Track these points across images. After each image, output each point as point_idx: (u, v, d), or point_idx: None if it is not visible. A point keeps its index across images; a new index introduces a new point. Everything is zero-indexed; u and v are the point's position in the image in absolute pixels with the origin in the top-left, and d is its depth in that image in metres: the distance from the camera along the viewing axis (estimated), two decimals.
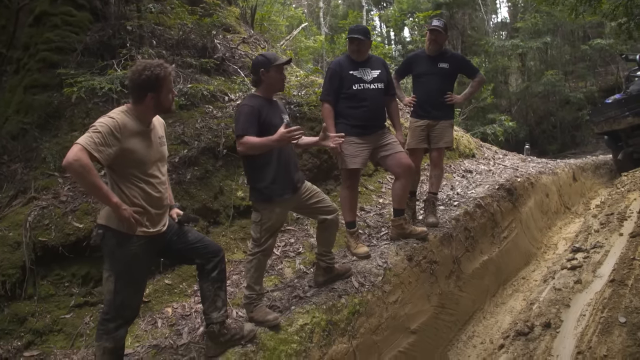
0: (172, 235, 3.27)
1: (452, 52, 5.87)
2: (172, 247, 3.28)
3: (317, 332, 3.72)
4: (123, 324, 3.06)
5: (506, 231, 6.42)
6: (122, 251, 2.96)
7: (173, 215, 3.38)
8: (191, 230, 3.42)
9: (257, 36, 9.72)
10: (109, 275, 2.99)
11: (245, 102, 3.76)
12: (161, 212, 3.16)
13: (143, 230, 3.00)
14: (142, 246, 3.01)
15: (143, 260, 3.08)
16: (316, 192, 4.00)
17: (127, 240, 2.95)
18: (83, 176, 2.66)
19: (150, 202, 3.05)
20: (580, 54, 24.66)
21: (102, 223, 2.98)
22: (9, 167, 5.45)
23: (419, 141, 5.41)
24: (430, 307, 4.79)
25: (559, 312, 4.64)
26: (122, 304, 3.00)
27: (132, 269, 3.01)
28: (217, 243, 3.63)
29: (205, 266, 3.37)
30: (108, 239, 2.96)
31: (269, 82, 3.79)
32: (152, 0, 7.15)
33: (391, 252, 4.75)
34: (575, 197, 9.81)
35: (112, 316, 3.00)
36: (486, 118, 20.34)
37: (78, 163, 2.63)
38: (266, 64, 3.74)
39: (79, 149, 2.66)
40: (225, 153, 5.58)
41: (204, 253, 3.36)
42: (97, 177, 2.71)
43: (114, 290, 2.97)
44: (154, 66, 2.96)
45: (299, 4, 24.93)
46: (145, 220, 3.02)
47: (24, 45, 6.79)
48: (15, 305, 4.26)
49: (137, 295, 3.15)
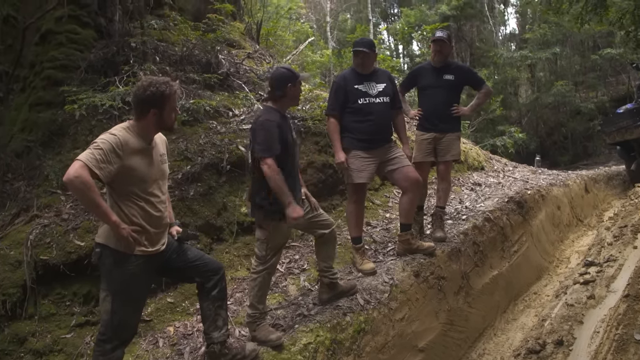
0: (172, 254, 3.21)
1: (458, 63, 5.82)
2: (171, 266, 3.22)
3: (321, 352, 3.63)
4: (120, 345, 2.99)
5: (516, 245, 6.29)
6: (120, 270, 2.91)
7: (173, 233, 3.32)
8: (190, 249, 3.37)
9: (262, 51, 9.74)
10: (106, 294, 2.94)
11: (268, 117, 3.62)
12: (160, 231, 3.11)
13: (141, 250, 2.94)
14: (140, 265, 2.95)
15: (141, 279, 3.02)
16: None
17: (124, 260, 2.90)
18: (83, 193, 2.63)
19: (149, 221, 3.00)
20: (591, 64, 24.57)
21: (100, 242, 2.93)
22: (12, 185, 5.46)
23: (425, 154, 5.33)
24: (438, 325, 4.67)
25: (572, 328, 4.51)
26: (119, 324, 2.94)
27: (129, 288, 2.95)
28: (217, 261, 3.57)
29: (205, 284, 3.30)
30: (105, 257, 2.91)
31: (291, 97, 3.75)
32: (155, 17, 7.19)
33: (398, 268, 4.65)
34: (588, 209, 9.65)
35: (109, 337, 2.93)
36: (496, 130, 20.26)
37: (79, 180, 2.59)
38: (293, 79, 3.69)
39: (80, 165, 2.63)
40: (229, 169, 5.54)
41: (203, 271, 3.29)
42: (97, 195, 2.67)
43: (111, 310, 2.91)
44: (160, 83, 2.94)
45: (306, 19, 25.10)
46: (144, 239, 2.96)
47: (30, 64, 6.86)
48: (16, 325, 4.22)
49: (135, 315, 3.09)
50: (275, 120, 3.58)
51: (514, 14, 32.78)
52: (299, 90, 3.81)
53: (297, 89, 3.75)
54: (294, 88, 3.71)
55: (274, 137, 3.51)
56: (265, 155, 3.46)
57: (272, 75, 3.85)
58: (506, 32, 33.16)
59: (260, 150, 3.50)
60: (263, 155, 3.46)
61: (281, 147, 3.53)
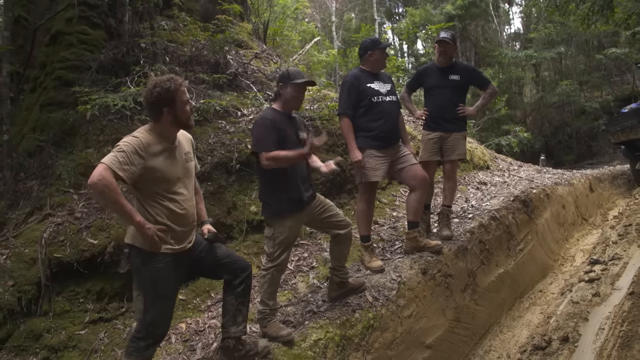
0: (200, 252, 3.27)
1: (463, 63, 5.85)
2: (200, 264, 3.29)
3: (330, 347, 3.69)
4: (153, 344, 3.06)
5: (522, 243, 6.34)
6: (148, 269, 2.97)
7: (204, 232, 3.38)
8: (220, 247, 3.42)
9: (269, 51, 9.80)
10: (138, 294, 3.01)
11: (262, 115, 3.77)
12: (187, 230, 3.15)
13: (168, 247, 3.00)
14: (167, 263, 3.00)
15: (169, 277, 3.06)
16: (329, 206, 3.97)
17: (151, 258, 2.95)
18: (107, 195, 2.69)
19: (174, 219, 3.05)
20: (595, 64, 24.45)
21: (128, 242, 3.00)
22: (25, 184, 5.53)
23: (431, 154, 5.38)
24: (445, 321, 4.73)
25: (577, 325, 4.57)
26: (152, 322, 3.00)
27: (158, 286, 3.00)
28: (245, 259, 3.64)
29: (233, 282, 3.38)
30: (134, 257, 2.98)
31: (285, 97, 3.79)
32: (165, 18, 7.26)
33: (405, 266, 4.71)
34: (593, 208, 9.67)
35: (144, 335, 3.00)
36: (501, 129, 20.21)
37: (102, 182, 2.65)
38: (285, 79, 3.77)
39: (103, 168, 2.69)
40: (238, 168, 5.61)
41: (233, 269, 3.36)
42: (121, 196, 2.73)
43: (143, 308, 2.98)
44: (163, 81, 2.99)
45: (311, 19, 25.13)
46: (170, 237, 3.01)
47: (41, 64, 6.93)
48: (31, 322, 4.31)
49: (166, 313, 3.13)
50: (268, 118, 3.67)
51: (519, 13, 32.70)
52: (294, 93, 3.80)
53: (289, 91, 3.77)
54: (284, 89, 3.76)
55: (266, 132, 3.59)
56: (259, 151, 3.56)
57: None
58: (511, 31, 33.06)
59: (254, 146, 3.64)
60: (257, 151, 3.59)
61: (280, 144, 3.59)
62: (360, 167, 4.61)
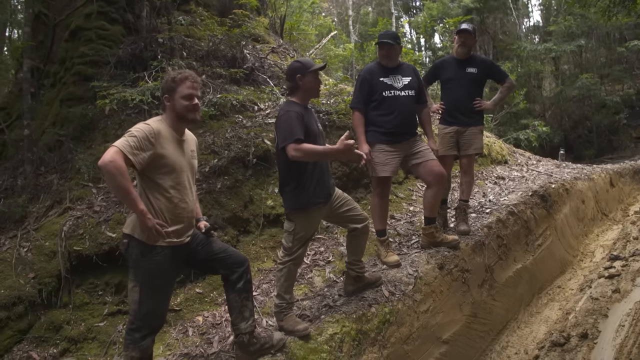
0: (197, 246, 3.28)
1: (481, 57, 5.78)
2: (196, 257, 3.29)
3: (347, 342, 3.69)
4: (149, 334, 3.06)
5: (540, 239, 6.28)
6: (146, 261, 2.98)
7: (200, 227, 3.38)
8: (216, 241, 3.43)
9: (286, 45, 9.80)
10: (134, 285, 3.01)
11: (287, 109, 3.64)
12: (185, 223, 3.17)
13: (167, 240, 3.01)
14: (166, 256, 3.02)
15: (167, 269, 3.08)
16: (347, 200, 3.96)
17: (150, 250, 2.97)
18: (115, 178, 2.71)
19: (175, 212, 3.07)
20: (617, 56, 24.10)
21: (127, 232, 3.02)
22: (46, 178, 5.62)
23: (448, 148, 5.33)
24: (462, 317, 4.70)
25: (597, 322, 4.52)
26: (147, 314, 3.01)
27: (156, 278, 3.02)
28: (241, 254, 3.62)
29: (230, 277, 3.36)
30: (132, 248, 2.99)
31: (305, 88, 3.73)
32: (182, 13, 7.29)
33: (422, 261, 4.68)
34: (613, 203, 9.54)
35: (138, 326, 3.01)
36: (519, 123, 20.01)
37: (113, 164, 2.68)
38: (302, 69, 3.69)
39: (115, 151, 2.72)
40: (255, 162, 5.63)
41: (228, 264, 3.36)
42: (128, 181, 2.74)
43: (139, 300, 2.99)
44: (175, 73, 3.07)
45: (328, 13, 25.06)
46: (169, 232, 3.01)
47: (61, 60, 7.02)
48: (52, 313, 4.39)
49: (162, 304, 3.15)
50: (294, 110, 3.58)
51: (538, 5, 32.28)
52: (313, 80, 3.73)
53: (309, 80, 3.70)
54: (303, 79, 3.68)
55: (294, 123, 3.49)
56: (287, 143, 3.44)
57: (286, 69, 3.92)
58: (530, 24, 32.69)
59: (282, 140, 3.50)
60: (286, 144, 3.45)
61: (306, 135, 3.51)
62: (366, 161, 4.59)
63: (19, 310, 4.26)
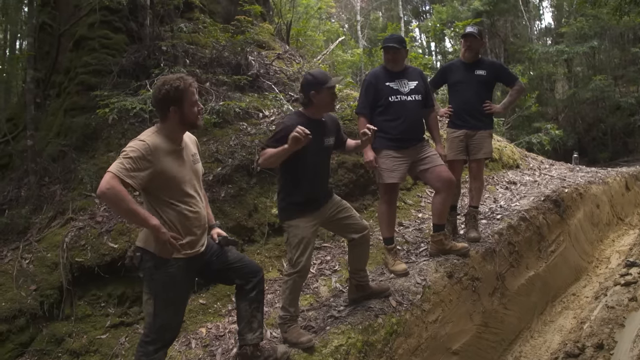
0: (211, 256, 3.21)
1: (490, 59, 5.70)
2: (211, 268, 3.23)
3: (352, 354, 3.58)
4: (162, 347, 3.00)
5: (553, 245, 6.13)
6: (160, 273, 2.92)
7: (214, 236, 3.33)
8: (231, 250, 3.36)
9: (292, 52, 9.74)
10: (148, 297, 2.95)
11: (282, 120, 3.64)
12: (199, 233, 3.09)
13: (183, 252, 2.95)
14: (180, 267, 2.96)
15: (182, 281, 3.03)
16: (344, 208, 3.83)
17: (164, 263, 2.91)
18: (117, 204, 2.66)
19: (187, 223, 2.99)
20: (631, 57, 23.83)
21: (140, 245, 2.96)
22: (49, 189, 5.60)
23: (457, 152, 5.22)
24: (472, 327, 4.57)
25: (613, 332, 4.38)
26: (162, 326, 2.96)
27: (170, 290, 2.96)
28: (256, 263, 3.58)
29: (245, 286, 3.32)
30: (146, 261, 2.93)
31: (319, 105, 3.62)
32: (185, 20, 7.27)
33: (430, 269, 4.57)
34: (629, 207, 9.34)
35: (152, 339, 2.96)
36: (531, 127, 19.82)
37: (111, 192, 2.61)
38: (317, 85, 3.55)
39: (110, 177, 2.65)
40: (259, 170, 5.55)
41: (244, 273, 3.31)
42: (132, 203, 2.68)
43: (153, 312, 2.93)
44: (172, 80, 2.93)
45: (337, 19, 25.06)
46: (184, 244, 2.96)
47: (65, 70, 7.05)
48: (53, 326, 4.35)
49: (177, 316, 3.09)
50: (288, 124, 3.47)
51: (550, 7, 32.05)
52: (328, 97, 3.61)
53: (323, 96, 3.57)
54: (318, 96, 3.55)
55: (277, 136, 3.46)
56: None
57: (301, 81, 3.81)
58: (541, 26, 32.44)
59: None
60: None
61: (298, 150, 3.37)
62: (372, 167, 4.50)
63: (20, 323, 4.21)
